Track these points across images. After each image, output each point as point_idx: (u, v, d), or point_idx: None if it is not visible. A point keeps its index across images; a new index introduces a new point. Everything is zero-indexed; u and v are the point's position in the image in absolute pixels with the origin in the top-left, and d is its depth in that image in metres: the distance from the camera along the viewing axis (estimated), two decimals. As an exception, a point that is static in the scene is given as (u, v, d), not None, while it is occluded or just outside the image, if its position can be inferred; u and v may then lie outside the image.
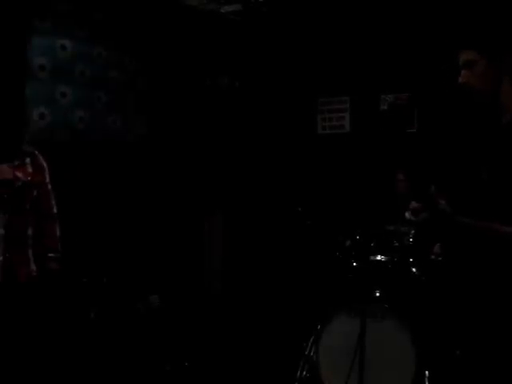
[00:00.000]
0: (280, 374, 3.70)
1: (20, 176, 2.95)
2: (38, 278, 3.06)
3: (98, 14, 4.64)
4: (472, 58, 2.02)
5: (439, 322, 3.34)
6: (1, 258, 2.88)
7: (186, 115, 5.45)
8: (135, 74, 5.00)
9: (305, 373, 3.43)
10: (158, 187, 5.11)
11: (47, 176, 3.16)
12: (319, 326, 3.40)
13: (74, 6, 4.45)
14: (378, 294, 3.42)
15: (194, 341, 4.43)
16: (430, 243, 3.58)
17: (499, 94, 2.01)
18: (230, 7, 5.28)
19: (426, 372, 3.17)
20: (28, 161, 3.04)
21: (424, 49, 4.92)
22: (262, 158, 5.75)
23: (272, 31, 5.64)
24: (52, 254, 3.15)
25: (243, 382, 3.88)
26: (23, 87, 4.03)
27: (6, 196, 2.89)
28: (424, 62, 4.91)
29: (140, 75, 5.05)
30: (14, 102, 3.02)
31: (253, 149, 5.77)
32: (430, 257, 3.52)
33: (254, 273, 5.51)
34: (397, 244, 3.57)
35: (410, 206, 2.36)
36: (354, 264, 3.56)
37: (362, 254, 3.55)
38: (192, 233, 5.50)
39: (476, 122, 2.20)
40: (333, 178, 5.44)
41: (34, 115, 4.21)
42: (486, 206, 1.99)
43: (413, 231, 3.54)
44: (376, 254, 3.52)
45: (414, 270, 3.50)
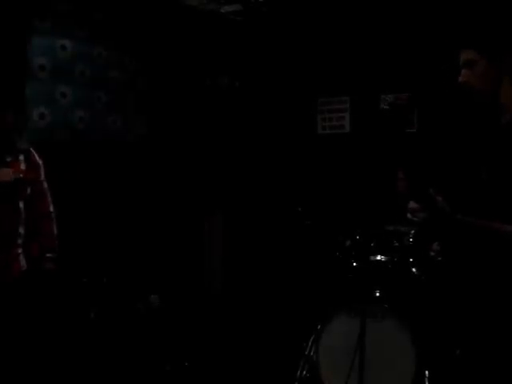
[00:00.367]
0: (280, 374, 3.70)
1: (15, 175, 2.91)
2: (31, 277, 3.03)
3: (98, 13, 4.64)
4: (472, 57, 2.02)
5: (439, 321, 3.33)
6: None
7: (186, 115, 5.45)
8: (135, 73, 5.01)
9: (305, 373, 3.43)
10: (157, 187, 5.11)
11: (42, 174, 3.12)
12: (319, 326, 3.40)
13: (73, 6, 4.45)
14: (378, 294, 3.43)
15: (194, 341, 4.43)
16: (430, 243, 3.57)
17: (499, 93, 2.01)
18: (230, 7, 5.28)
19: (426, 372, 3.17)
20: (22, 158, 3.01)
21: (424, 49, 4.91)
22: (261, 158, 5.75)
23: (272, 31, 5.64)
24: (49, 254, 3.12)
25: (243, 382, 3.88)
26: (23, 86, 4.04)
27: None
28: (424, 61, 4.91)
29: (140, 75, 5.05)
30: (14, 101, 3.02)
31: (253, 149, 5.77)
32: (429, 253, 3.51)
33: (254, 273, 5.51)
34: (397, 244, 3.57)
35: (409, 205, 2.35)
36: (354, 264, 3.56)
37: (362, 253, 3.55)
38: (192, 233, 5.50)
39: (476, 122, 2.20)
40: (333, 178, 5.44)
41: (33, 115, 4.21)
42: (485, 205, 1.99)
43: (413, 231, 3.53)
44: (376, 254, 3.52)
45: (413, 270, 3.50)
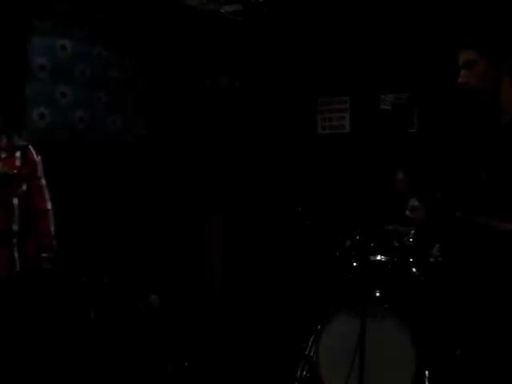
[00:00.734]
0: (280, 374, 3.70)
1: (5, 169, 2.90)
2: (28, 278, 3.00)
3: (98, 13, 4.64)
4: (472, 58, 2.02)
5: (439, 322, 3.33)
6: None
7: (185, 115, 5.45)
8: (135, 73, 5.00)
9: (305, 373, 3.43)
10: (157, 187, 5.11)
11: (39, 170, 3.09)
12: (319, 326, 3.40)
13: (74, 6, 4.45)
14: (378, 294, 3.42)
15: (194, 341, 4.43)
16: (430, 243, 3.57)
17: (499, 94, 2.01)
18: (230, 7, 5.27)
19: (426, 372, 3.17)
20: (18, 154, 2.99)
21: (424, 49, 4.91)
22: (261, 158, 5.75)
23: (272, 31, 5.64)
24: (44, 254, 3.07)
25: (243, 382, 3.88)
26: (23, 86, 4.04)
27: None
28: (424, 61, 4.91)
29: (140, 75, 5.05)
30: (13, 101, 3.01)
31: (253, 149, 5.77)
32: (429, 259, 3.52)
33: (254, 273, 5.51)
34: (397, 244, 3.57)
35: (410, 203, 2.35)
36: (354, 264, 3.55)
37: (362, 253, 3.55)
38: (192, 233, 5.50)
39: (476, 121, 2.20)
40: (333, 178, 5.44)
41: (34, 115, 4.21)
42: (485, 205, 1.99)
43: (413, 231, 3.53)
44: (376, 254, 3.52)
45: (413, 270, 3.50)
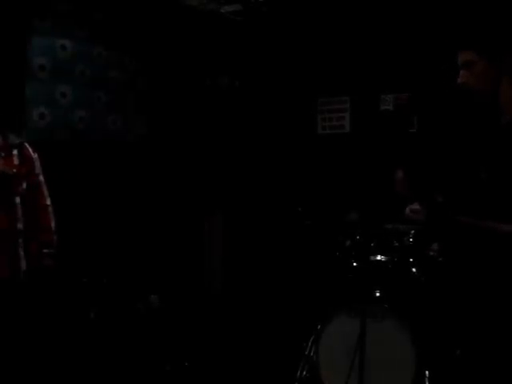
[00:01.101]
0: (280, 374, 3.70)
1: (4, 169, 2.92)
2: (30, 276, 3.02)
3: (98, 13, 4.64)
4: (471, 58, 2.02)
5: (439, 321, 3.33)
6: None
7: (185, 115, 5.45)
8: (135, 73, 5.00)
9: (305, 373, 3.43)
10: (157, 187, 5.11)
11: (37, 167, 3.11)
12: (319, 326, 3.40)
13: (74, 6, 4.45)
14: (378, 294, 3.42)
15: (194, 341, 4.43)
16: (430, 243, 3.57)
17: (498, 94, 2.01)
18: (230, 7, 5.27)
19: (426, 372, 3.17)
20: (15, 152, 3.00)
21: (424, 49, 4.91)
22: (261, 158, 5.75)
23: (272, 31, 5.63)
24: (46, 250, 3.09)
25: (243, 382, 3.88)
26: (23, 86, 4.04)
27: None
28: (424, 62, 4.91)
29: (140, 75, 5.05)
30: (13, 101, 3.02)
31: (253, 149, 5.77)
32: (429, 253, 3.51)
33: (253, 273, 5.51)
34: (397, 244, 3.57)
35: (410, 207, 2.33)
36: (354, 264, 3.55)
37: (362, 254, 3.55)
38: (192, 233, 5.50)
39: (475, 122, 2.20)
40: (333, 178, 5.44)
41: (33, 115, 4.21)
42: (484, 205, 1.99)
43: (413, 231, 3.53)
44: (376, 254, 3.52)
45: (413, 270, 3.50)
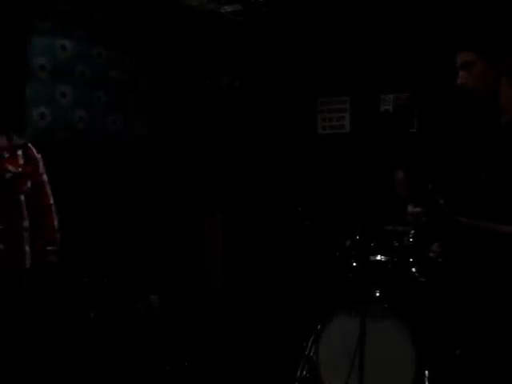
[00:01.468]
0: (280, 374, 3.70)
1: (10, 168, 2.95)
2: (34, 274, 3.06)
3: (98, 13, 4.64)
4: (470, 59, 2.02)
5: (439, 321, 3.33)
6: None
7: (185, 115, 5.45)
8: (135, 73, 5.00)
9: (305, 373, 3.43)
10: (157, 187, 5.11)
11: (41, 167, 3.16)
12: (319, 326, 3.40)
13: (74, 6, 4.45)
14: (378, 294, 3.43)
15: (194, 341, 4.43)
16: (430, 243, 3.57)
17: (498, 94, 2.01)
18: (230, 7, 5.27)
19: (426, 372, 3.17)
20: (20, 153, 3.05)
21: (424, 49, 4.91)
22: (261, 158, 5.75)
23: (272, 31, 5.64)
24: (50, 247, 3.14)
25: (243, 382, 3.88)
26: (23, 86, 4.04)
27: None
28: (424, 62, 4.91)
29: (140, 75, 5.05)
30: (13, 101, 3.04)
31: (253, 149, 5.77)
32: (429, 254, 3.51)
33: (253, 273, 5.51)
34: (397, 244, 3.57)
35: (409, 209, 2.31)
36: (354, 264, 3.55)
37: (362, 254, 3.55)
38: (192, 233, 5.50)
39: (475, 122, 2.20)
40: (333, 178, 5.44)
41: (33, 115, 4.21)
42: (484, 205, 1.99)
43: (413, 231, 3.53)
44: (376, 254, 3.52)
45: (413, 270, 3.50)
